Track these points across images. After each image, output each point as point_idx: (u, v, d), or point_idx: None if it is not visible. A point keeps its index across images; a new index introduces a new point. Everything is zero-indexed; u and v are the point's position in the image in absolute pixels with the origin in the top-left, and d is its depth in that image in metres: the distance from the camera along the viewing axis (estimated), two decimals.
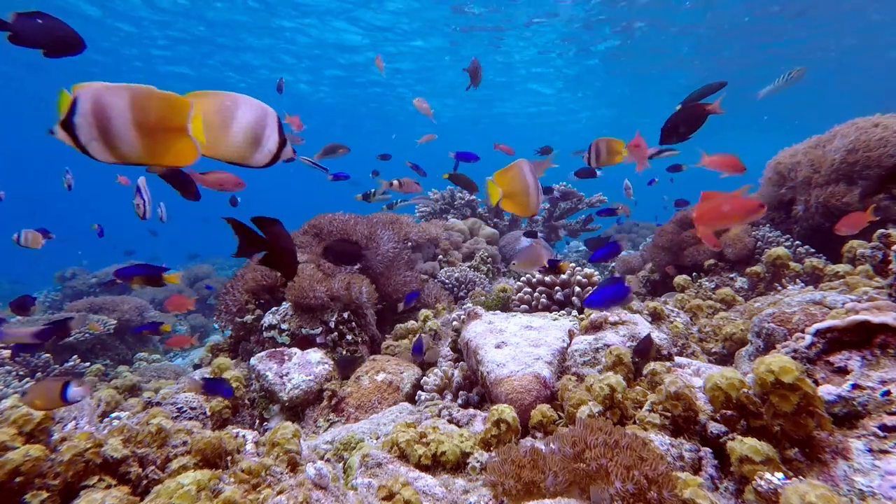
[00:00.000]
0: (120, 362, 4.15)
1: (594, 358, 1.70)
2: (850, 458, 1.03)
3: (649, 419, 1.27)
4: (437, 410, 1.80)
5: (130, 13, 10.31)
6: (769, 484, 0.94)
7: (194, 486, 0.95)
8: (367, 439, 1.64)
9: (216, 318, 2.87)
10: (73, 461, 1.01)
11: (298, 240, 3.10)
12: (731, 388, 1.16)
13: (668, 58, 11.83)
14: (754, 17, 9.58)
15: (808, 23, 9.68)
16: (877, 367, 1.17)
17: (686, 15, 9.63)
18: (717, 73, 12.54)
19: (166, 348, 4.43)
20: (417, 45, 12.12)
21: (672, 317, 2.36)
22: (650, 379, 1.47)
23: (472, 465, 1.31)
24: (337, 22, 10.90)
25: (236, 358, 2.71)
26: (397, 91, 15.95)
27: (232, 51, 12.60)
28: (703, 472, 1.13)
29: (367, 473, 1.27)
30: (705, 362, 1.84)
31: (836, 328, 1.28)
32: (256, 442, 1.36)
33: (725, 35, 10.40)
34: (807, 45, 10.73)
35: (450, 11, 10.13)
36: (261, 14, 10.51)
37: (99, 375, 3.55)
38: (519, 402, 1.54)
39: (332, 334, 2.50)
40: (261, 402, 2.19)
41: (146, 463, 1.12)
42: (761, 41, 10.60)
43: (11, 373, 3.29)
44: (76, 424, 1.21)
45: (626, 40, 11.00)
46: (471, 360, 1.91)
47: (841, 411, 1.14)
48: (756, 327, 1.81)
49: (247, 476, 1.05)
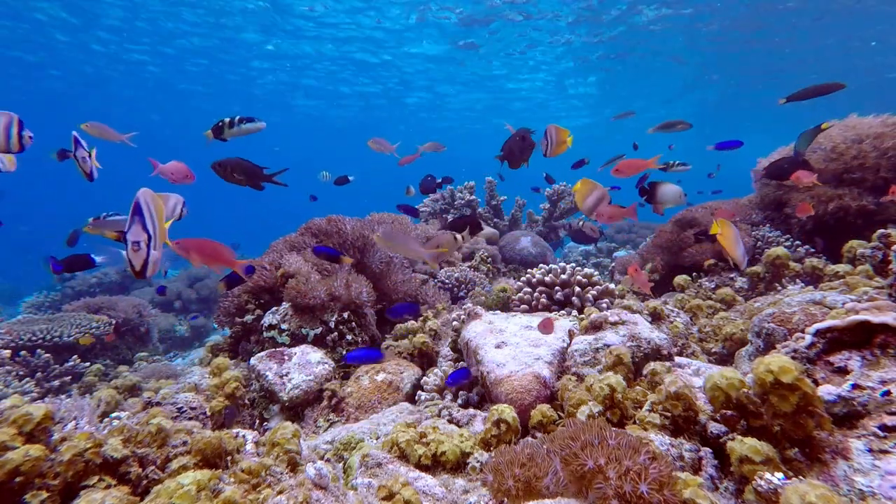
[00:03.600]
0: (120, 362, 4.15)
1: (594, 358, 1.70)
2: (850, 458, 1.03)
3: (649, 419, 1.27)
4: (437, 410, 1.80)
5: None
6: (769, 484, 0.94)
7: (194, 486, 0.95)
8: (367, 439, 1.64)
9: (216, 318, 2.87)
10: (73, 461, 1.01)
11: (297, 241, 3.10)
12: (730, 388, 1.16)
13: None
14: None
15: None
16: (877, 366, 1.17)
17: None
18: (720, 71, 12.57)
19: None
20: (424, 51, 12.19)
21: (672, 317, 2.36)
22: (650, 379, 1.47)
23: (472, 465, 1.31)
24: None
25: (236, 358, 2.71)
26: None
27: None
28: (703, 472, 1.13)
29: (367, 473, 1.27)
30: (705, 362, 1.84)
31: (836, 328, 1.28)
32: (256, 442, 1.36)
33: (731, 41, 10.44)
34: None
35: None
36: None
37: (99, 375, 3.55)
38: (519, 402, 1.54)
39: (333, 334, 2.50)
40: (261, 402, 2.19)
41: (146, 463, 1.12)
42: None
43: (11, 373, 3.29)
44: (76, 424, 1.21)
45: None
46: (471, 360, 1.91)
47: (841, 411, 1.14)
48: (756, 327, 1.81)
49: (247, 476, 1.05)
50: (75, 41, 11.76)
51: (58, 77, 14.29)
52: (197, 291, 6.88)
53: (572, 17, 10.00)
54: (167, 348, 5.31)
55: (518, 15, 10.05)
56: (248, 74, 14.55)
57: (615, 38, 10.83)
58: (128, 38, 11.77)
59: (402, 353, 2.44)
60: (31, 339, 3.69)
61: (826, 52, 11.13)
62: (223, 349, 2.87)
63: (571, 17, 10.01)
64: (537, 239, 4.95)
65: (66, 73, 13.99)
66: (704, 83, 13.93)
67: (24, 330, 3.76)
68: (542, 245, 4.92)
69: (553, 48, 11.88)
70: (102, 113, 16.09)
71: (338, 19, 10.83)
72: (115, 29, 11.25)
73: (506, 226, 5.62)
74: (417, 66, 13.57)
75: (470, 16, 10.24)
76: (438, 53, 12.54)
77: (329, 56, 13.00)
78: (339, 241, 3.01)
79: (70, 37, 11.50)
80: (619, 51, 11.67)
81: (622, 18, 9.92)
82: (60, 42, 11.77)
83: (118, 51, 12.53)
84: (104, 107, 17.14)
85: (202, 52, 12.77)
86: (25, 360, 3.43)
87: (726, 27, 10.14)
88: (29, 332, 3.75)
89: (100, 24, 10.96)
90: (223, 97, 16.50)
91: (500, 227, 5.54)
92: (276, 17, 10.72)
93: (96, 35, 11.54)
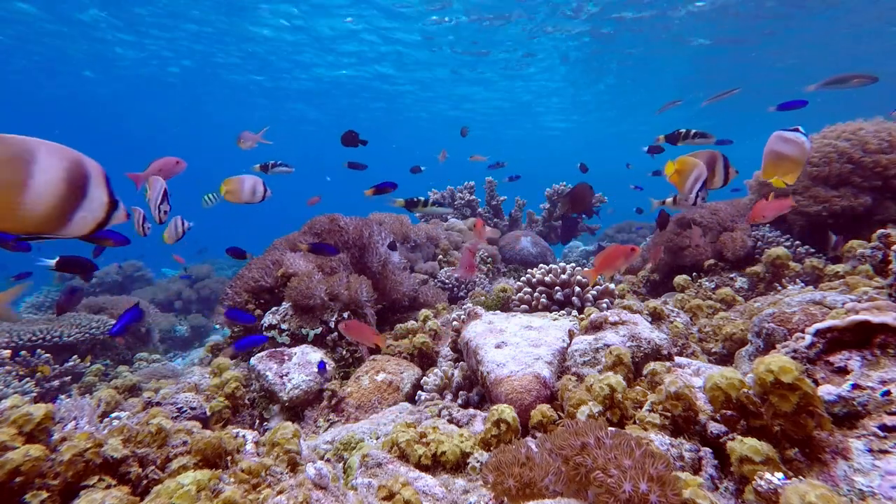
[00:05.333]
0: (120, 362, 4.15)
1: (594, 358, 1.70)
2: (850, 458, 1.03)
3: (649, 419, 1.27)
4: (437, 410, 1.80)
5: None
6: (769, 484, 0.94)
7: (194, 486, 0.95)
8: (367, 439, 1.64)
9: (216, 318, 2.87)
10: (73, 461, 1.01)
11: (299, 240, 3.10)
12: (730, 388, 1.16)
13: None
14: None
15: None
16: (877, 366, 1.17)
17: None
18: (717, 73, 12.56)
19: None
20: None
21: (672, 317, 2.36)
22: (650, 379, 1.47)
23: (472, 465, 1.31)
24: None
25: (236, 358, 2.71)
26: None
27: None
28: (703, 472, 1.13)
29: (367, 473, 1.27)
30: (705, 362, 1.84)
31: (836, 328, 1.28)
32: (256, 442, 1.36)
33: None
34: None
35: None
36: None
37: (99, 375, 3.55)
38: (519, 402, 1.54)
39: (332, 334, 2.50)
40: (261, 402, 2.19)
41: (146, 463, 1.12)
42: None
43: (11, 373, 3.29)
44: (76, 424, 1.21)
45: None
46: (471, 360, 1.91)
47: (841, 411, 1.14)
48: (756, 327, 1.81)
49: (247, 476, 1.05)
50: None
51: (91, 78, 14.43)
52: (197, 291, 6.88)
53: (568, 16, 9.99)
54: (167, 348, 5.32)
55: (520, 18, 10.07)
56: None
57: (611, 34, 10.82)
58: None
59: (401, 353, 2.44)
60: (31, 339, 3.69)
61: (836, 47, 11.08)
62: (223, 349, 2.87)
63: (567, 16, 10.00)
64: (537, 239, 4.95)
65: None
66: (704, 86, 13.93)
67: (24, 330, 3.77)
68: (542, 245, 4.92)
69: (549, 52, 11.90)
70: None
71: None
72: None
73: (506, 226, 5.62)
74: (415, 65, 13.57)
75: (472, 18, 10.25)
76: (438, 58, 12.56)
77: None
78: (341, 241, 3.01)
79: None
80: (618, 52, 11.67)
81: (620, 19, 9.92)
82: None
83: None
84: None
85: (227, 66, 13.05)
86: (25, 360, 3.43)
87: (725, 27, 10.15)
88: (29, 332, 3.75)
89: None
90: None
91: (500, 227, 5.54)
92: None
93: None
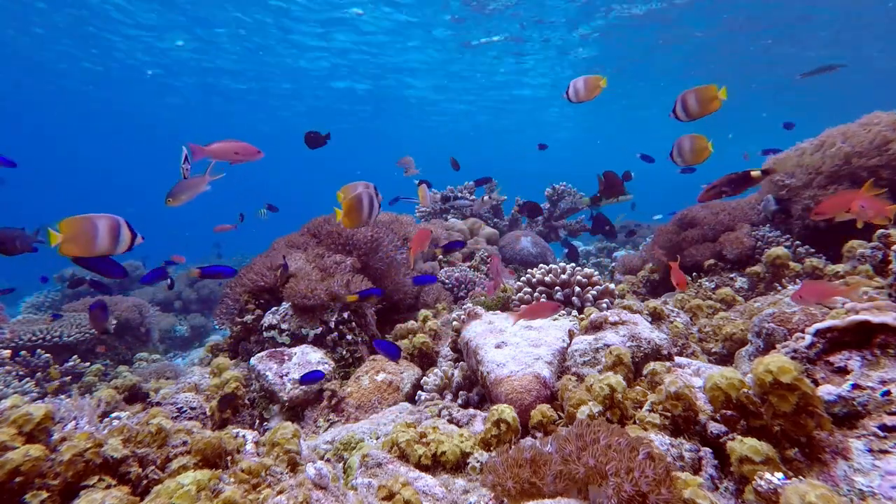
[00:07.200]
0: (120, 362, 4.15)
1: (594, 358, 1.70)
2: (850, 458, 1.03)
3: (649, 419, 1.27)
4: (437, 410, 1.80)
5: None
6: (769, 484, 0.94)
7: (194, 486, 0.95)
8: (367, 439, 1.64)
9: (216, 318, 2.87)
10: (73, 461, 1.01)
11: (298, 240, 3.10)
12: (730, 388, 1.16)
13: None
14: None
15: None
16: (877, 366, 1.17)
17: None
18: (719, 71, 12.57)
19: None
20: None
21: (672, 317, 2.36)
22: (650, 379, 1.47)
23: (472, 466, 1.31)
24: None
25: (236, 358, 2.71)
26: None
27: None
28: (703, 472, 1.13)
29: (367, 473, 1.27)
30: (705, 362, 1.84)
31: (836, 328, 1.28)
32: (256, 442, 1.36)
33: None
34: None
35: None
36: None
37: (99, 375, 3.55)
38: (519, 402, 1.54)
39: (333, 334, 2.50)
40: (261, 402, 2.19)
41: (146, 463, 1.11)
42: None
43: (11, 373, 3.29)
44: (76, 424, 1.20)
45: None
46: (471, 360, 1.91)
47: (841, 411, 1.14)
48: (756, 327, 1.81)
49: (247, 476, 1.05)
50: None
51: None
52: (197, 291, 6.88)
53: (564, 19, 10.00)
54: (167, 348, 5.32)
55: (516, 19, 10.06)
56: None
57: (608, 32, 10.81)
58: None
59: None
60: (31, 339, 3.69)
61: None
62: (223, 349, 2.87)
63: (563, 19, 10.01)
64: (537, 239, 4.95)
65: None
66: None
67: (24, 330, 3.77)
68: (542, 245, 4.91)
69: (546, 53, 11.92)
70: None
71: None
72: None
73: (506, 226, 5.62)
74: (414, 64, 13.57)
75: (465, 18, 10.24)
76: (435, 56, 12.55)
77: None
78: (341, 240, 3.01)
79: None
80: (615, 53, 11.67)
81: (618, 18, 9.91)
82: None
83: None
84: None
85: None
86: (25, 360, 3.43)
87: (725, 29, 10.16)
88: (29, 332, 3.75)
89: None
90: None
91: (499, 227, 5.54)
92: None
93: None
